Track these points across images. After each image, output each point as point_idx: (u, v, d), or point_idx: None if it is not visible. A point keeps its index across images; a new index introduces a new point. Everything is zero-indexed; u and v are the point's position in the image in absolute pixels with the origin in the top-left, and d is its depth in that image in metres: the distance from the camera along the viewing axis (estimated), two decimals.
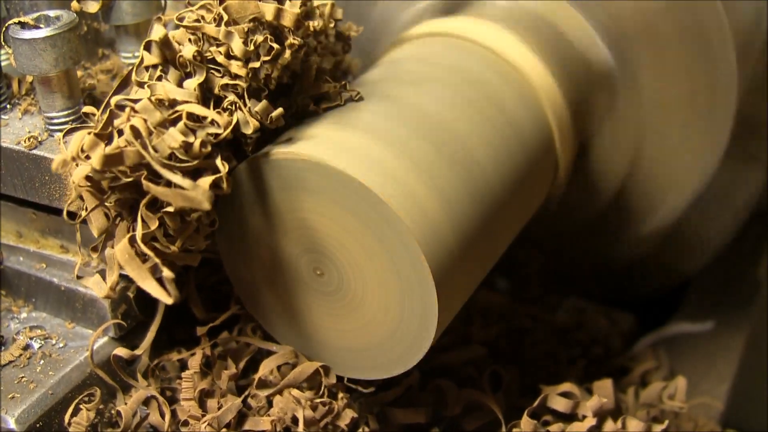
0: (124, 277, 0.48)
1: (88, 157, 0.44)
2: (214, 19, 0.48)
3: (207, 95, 0.48)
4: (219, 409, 0.51)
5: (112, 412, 0.52)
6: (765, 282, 0.77)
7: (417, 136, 0.49)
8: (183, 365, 0.54)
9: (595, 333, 0.68)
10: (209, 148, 0.45)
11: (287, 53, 0.49)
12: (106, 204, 0.46)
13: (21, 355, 0.53)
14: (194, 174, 0.45)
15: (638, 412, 0.59)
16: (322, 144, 0.47)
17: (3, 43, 0.52)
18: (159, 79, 0.47)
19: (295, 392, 0.51)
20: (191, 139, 0.44)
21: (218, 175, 0.44)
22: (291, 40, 0.49)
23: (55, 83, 0.52)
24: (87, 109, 0.48)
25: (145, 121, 0.44)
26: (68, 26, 0.51)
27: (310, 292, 0.50)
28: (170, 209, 0.44)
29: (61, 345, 0.54)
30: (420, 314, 0.47)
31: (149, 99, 0.45)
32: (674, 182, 0.65)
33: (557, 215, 0.67)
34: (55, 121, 0.53)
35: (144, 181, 0.44)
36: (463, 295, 0.52)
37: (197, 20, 0.48)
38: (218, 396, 0.52)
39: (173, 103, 0.46)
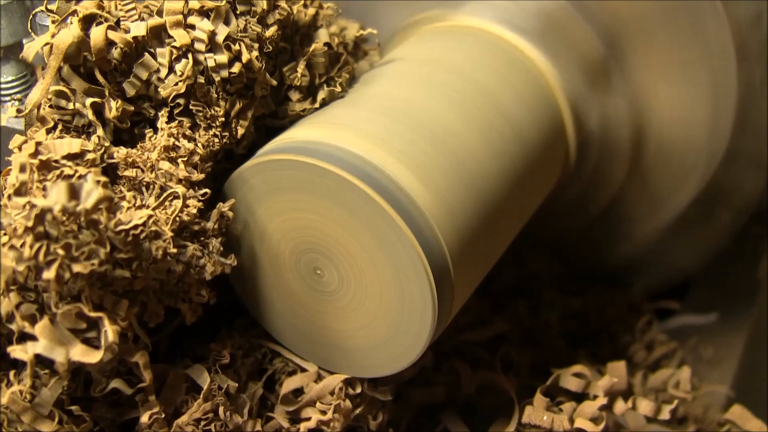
0: None
1: None
2: None
3: None
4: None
5: None
6: (765, 282, 0.77)
7: (415, 135, 0.49)
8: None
9: (606, 319, 0.68)
10: None
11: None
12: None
13: None
14: None
15: (647, 396, 0.60)
16: (321, 145, 0.47)
17: (30, 31, 0.53)
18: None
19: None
20: None
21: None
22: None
23: None
24: None
25: None
26: None
27: (310, 293, 0.50)
28: None
29: None
30: (420, 314, 0.47)
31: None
32: (674, 182, 0.65)
33: (559, 214, 0.68)
34: None
35: None
36: (465, 292, 0.52)
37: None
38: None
39: None
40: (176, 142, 0.48)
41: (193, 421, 0.48)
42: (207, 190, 0.48)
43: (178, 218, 0.45)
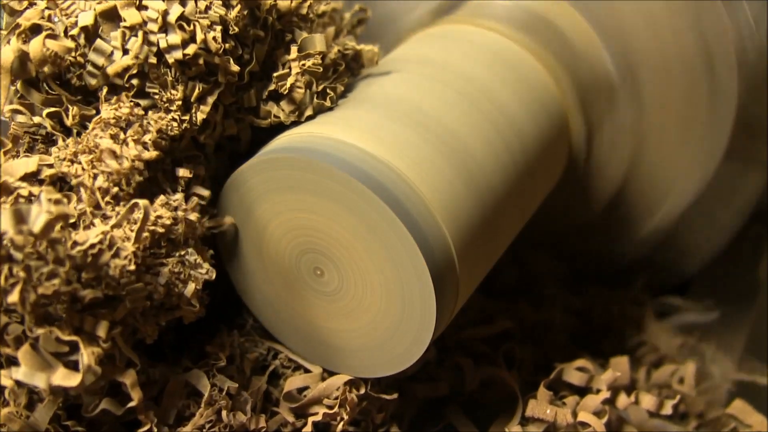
0: None
1: None
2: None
3: None
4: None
5: None
6: (765, 282, 0.77)
7: (416, 135, 0.49)
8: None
9: (607, 316, 0.69)
10: None
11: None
12: None
13: None
14: None
15: (650, 391, 0.60)
16: (321, 145, 0.47)
17: None
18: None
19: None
20: None
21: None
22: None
23: None
24: None
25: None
26: None
27: (310, 293, 0.50)
28: None
29: None
30: (420, 315, 0.47)
31: None
32: (674, 183, 0.66)
33: (559, 214, 0.68)
34: None
35: None
36: (470, 287, 0.52)
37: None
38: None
39: None
40: (117, 115, 0.47)
41: (196, 428, 0.48)
42: (180, 196, 0.48)
43: (147, 233, 0.45)
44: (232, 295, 0.54)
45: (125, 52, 0.47)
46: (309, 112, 0.51)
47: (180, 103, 0.48)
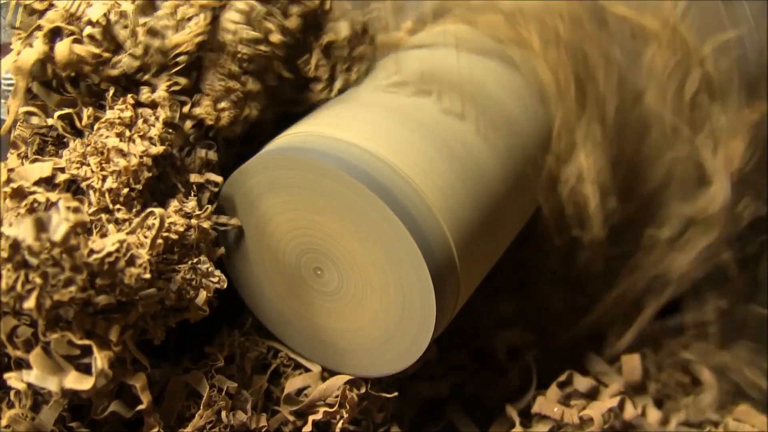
0: None
1: None
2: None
3: None
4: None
5: None
6: (765, 282, 0.77)
7: (415, 134, 0.49)
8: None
9: (608, 316, 0.68)
10: None
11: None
12: None
13: None
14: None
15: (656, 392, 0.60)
16: (320, 144, 0.47)
17: None
18: None
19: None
20: None
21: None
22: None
23: None
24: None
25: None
26: None
27: (311, 293, 0.50)
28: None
29: None
30: (420, 315, 0.47)
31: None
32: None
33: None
34: None
35: None
36: (470, 285, 0.52)
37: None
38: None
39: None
40: (122, 115, 0.47)
41: (196, 430, 0.48)
42: (193, 202, 0.48)
43: (160, 240, 0.45)
44: (232, 294, 0.54)
45: (179, 29, 0.48)
46: (339, 85, 0.53)
47: (241, 95, 0.49)
